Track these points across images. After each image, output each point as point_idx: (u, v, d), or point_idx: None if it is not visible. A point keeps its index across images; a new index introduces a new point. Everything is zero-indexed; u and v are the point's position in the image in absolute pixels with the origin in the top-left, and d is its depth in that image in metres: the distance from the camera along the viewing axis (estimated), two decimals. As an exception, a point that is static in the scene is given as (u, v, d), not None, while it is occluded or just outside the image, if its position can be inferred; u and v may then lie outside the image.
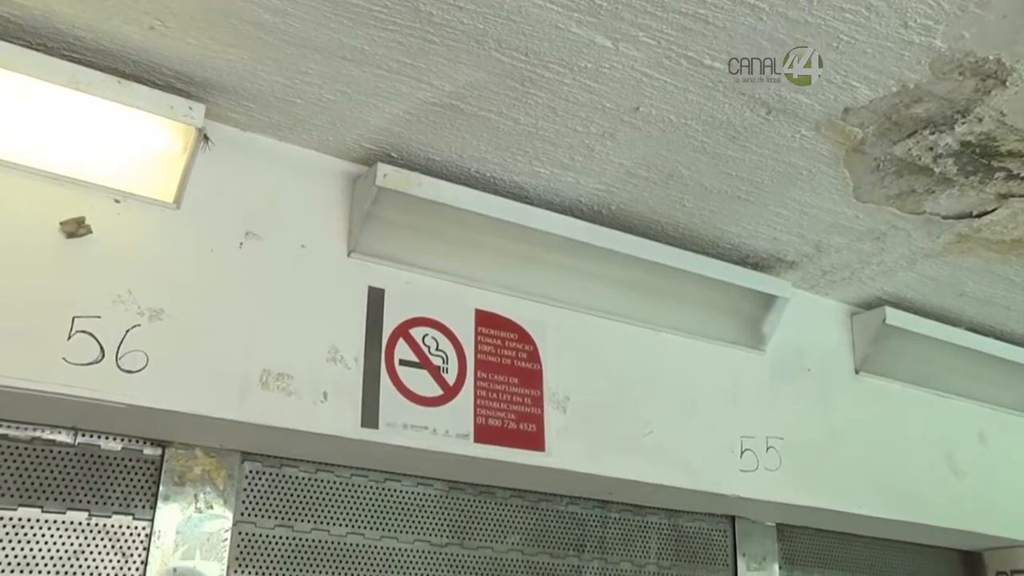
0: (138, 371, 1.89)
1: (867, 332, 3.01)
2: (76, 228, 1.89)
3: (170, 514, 2.09)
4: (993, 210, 2.45)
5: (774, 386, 2.82)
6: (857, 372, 3.02)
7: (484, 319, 2.38)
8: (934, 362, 3.11)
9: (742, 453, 2.67)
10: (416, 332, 2.26)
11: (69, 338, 1.83)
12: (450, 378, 2.27)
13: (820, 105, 2.03)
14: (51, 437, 2.03)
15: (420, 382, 2.21)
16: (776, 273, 2.82)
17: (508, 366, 2.36)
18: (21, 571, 1.93)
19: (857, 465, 2.88)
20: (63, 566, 1.97)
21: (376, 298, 2.24)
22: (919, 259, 2.75)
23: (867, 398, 3.01)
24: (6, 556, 1.92)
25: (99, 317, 1.88)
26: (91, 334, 1.86)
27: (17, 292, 1.81)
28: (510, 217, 2.33)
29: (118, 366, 1.87)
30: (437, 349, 2.27)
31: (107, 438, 2.09)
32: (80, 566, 1.99)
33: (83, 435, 2.06)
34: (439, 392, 2.24)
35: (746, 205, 2.46)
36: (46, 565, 1.96)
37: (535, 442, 2.33)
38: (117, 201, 1.98)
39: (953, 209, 2.46)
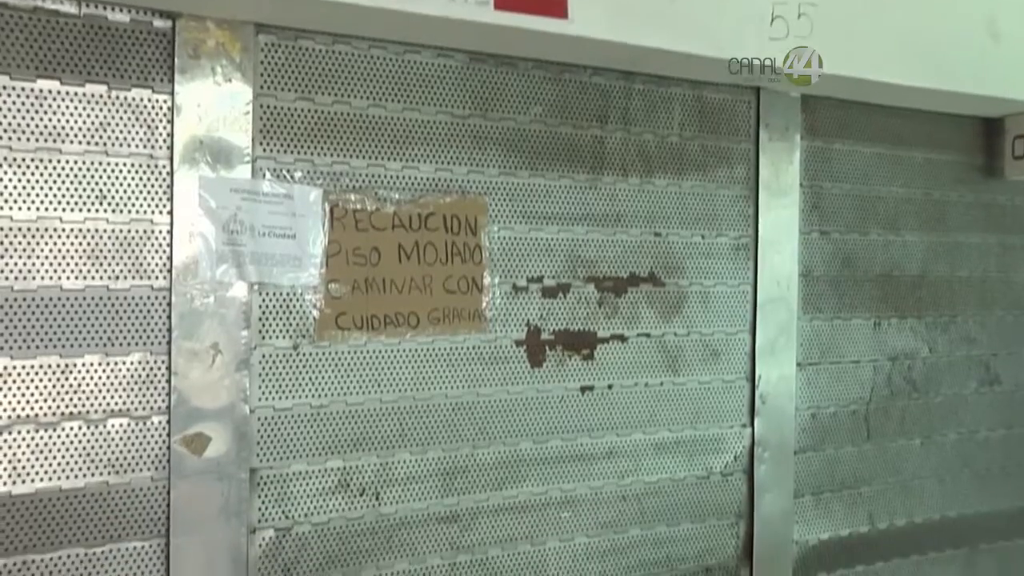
0: (132, -68, 1.77)
1: None
2: None
3: (189, 88, 2.08)
4: None
5: (813, -53, 2.63)
6: (905, -70, 2.81)
7: None
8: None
9: (772, 20, 2.56)
10: None
11: None
12: (466, -62, 2.12)
13: None
14: (54, 7, 1.95)
15: (435, -57, 2.08)
16: None
17: (528, -75, 2.20)
18: (54, 141, 1.96)
19: (892, 32, 2.77)
20: (92, 137, 2.00)
21: None
22: None
23: (912, -41, 2.83)
24: (36, 126, 1.94)
25: None
26: None
27: None
28: None
29: (110, -73, 1.75)
30: (451, -94, 2.10)
31: (113, 9, 2.01)
32: (108, 137, 2.02)
33: (87, 5, 1.99)
34: (455, -46, 2.10)
35: None
36: (75, 136, 1.98)
37: (557, 8, 2.23)
38: None
39: None
